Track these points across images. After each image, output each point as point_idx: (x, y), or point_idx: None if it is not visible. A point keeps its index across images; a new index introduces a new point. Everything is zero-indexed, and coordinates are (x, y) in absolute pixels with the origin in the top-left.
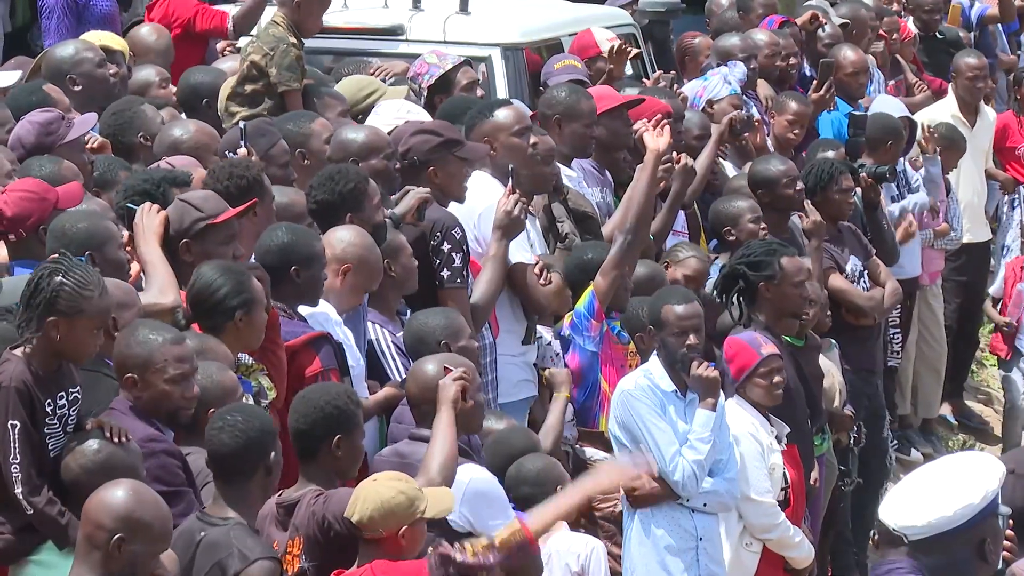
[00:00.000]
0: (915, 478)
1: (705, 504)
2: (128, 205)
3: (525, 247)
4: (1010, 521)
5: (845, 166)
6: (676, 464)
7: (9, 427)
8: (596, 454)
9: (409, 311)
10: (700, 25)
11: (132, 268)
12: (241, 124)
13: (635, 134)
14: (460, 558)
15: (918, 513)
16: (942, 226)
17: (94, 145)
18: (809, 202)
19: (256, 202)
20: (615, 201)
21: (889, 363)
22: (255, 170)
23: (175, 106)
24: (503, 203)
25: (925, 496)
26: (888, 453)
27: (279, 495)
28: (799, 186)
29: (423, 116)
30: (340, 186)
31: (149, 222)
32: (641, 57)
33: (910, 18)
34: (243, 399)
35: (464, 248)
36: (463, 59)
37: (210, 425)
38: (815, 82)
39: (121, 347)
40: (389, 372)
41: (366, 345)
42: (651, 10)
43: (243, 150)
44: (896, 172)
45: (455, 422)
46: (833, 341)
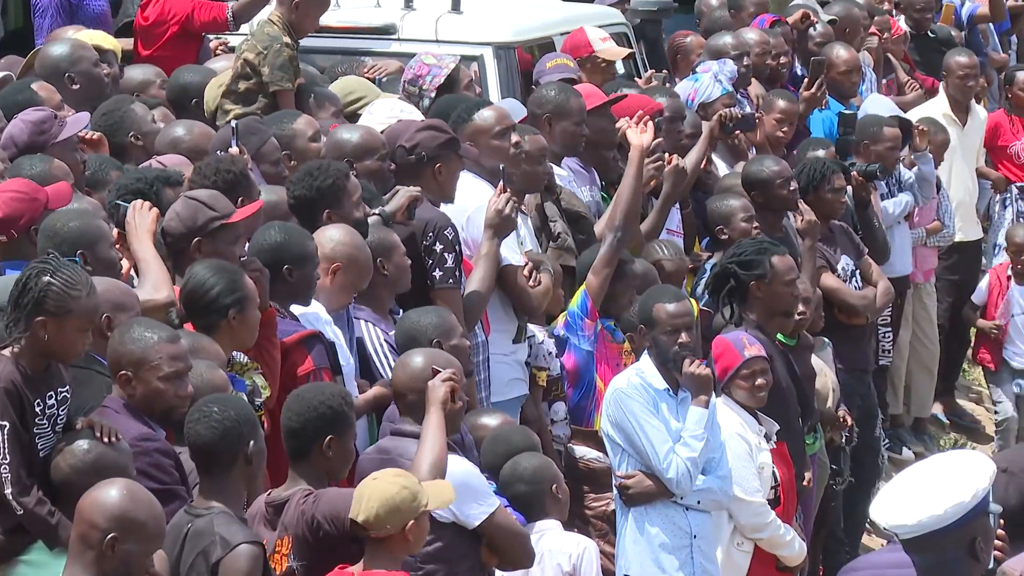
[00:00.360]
0: (906, 477)
1: (699, 501)
2: (118, 203)
3: (515, 248)
4: (1001, 520)
5: (837, 165)
6: (670, 462)
7: None
8: (588, 453)
9: (401, 311)
10: (692, 24)
11: (123, 265)
12: (233, 123)
13: (619, 132)
14: None
15: (909, 512)
16: (934, 223)
17: (93, 137)
18: (803, 202)
19: (263, 204)
20: (604, 199)
21: (880, 362)
22: (240, 165)
23: (166, 105)
24: (494, 202)
25: (916, 495)
26: (880, 452)
27: (268, 494)
28: (793, 186)
29: (416, 116)
30: (319, 182)
31: (141, 219)
32: (633, 56)
33: (901, 17)
34: None
35: (456, 248)
36: (458, 58)
37: (188, 417)
38: (806, 80)
39: (116, 344)
40: (381, 371)
41: (355, 344)
42: (643, 9)
43: (235, 148)
44: (887, 171)
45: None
46: (826, 340)
